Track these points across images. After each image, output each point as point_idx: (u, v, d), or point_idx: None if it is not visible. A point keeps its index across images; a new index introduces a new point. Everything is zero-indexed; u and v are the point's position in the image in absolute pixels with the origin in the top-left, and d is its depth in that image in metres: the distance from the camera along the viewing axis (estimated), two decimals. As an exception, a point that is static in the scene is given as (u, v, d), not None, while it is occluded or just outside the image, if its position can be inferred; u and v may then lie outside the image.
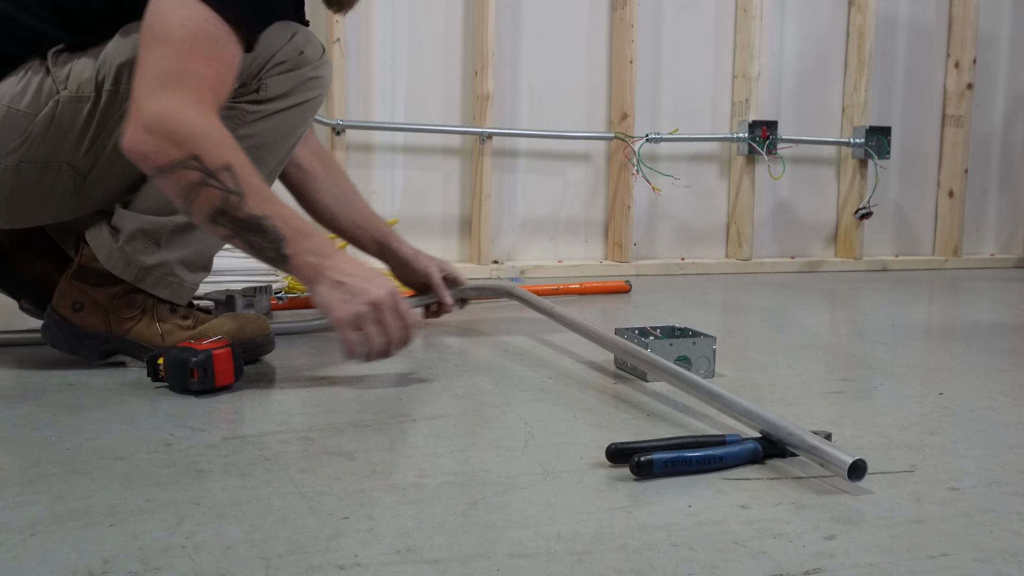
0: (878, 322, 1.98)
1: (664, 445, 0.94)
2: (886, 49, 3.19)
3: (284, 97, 1.31)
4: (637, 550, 0.73)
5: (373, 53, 2.61)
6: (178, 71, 1.14)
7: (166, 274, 1.32)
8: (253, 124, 1.30)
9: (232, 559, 0.70)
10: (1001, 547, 0.75)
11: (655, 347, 1.31)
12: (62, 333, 1.33)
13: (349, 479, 0.88)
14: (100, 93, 1.24)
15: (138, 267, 1.31)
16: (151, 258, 1.31)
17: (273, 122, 1.32)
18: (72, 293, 1.33)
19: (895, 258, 3.24)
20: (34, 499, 0.82)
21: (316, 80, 1.34)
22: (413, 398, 1.21)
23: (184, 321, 1.35)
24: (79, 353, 1.33)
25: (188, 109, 1.13)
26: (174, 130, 1.12)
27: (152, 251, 1.31)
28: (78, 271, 1.33)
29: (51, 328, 1.34)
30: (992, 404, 1.23)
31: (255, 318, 1.40)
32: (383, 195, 2.65)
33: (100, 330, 1.33)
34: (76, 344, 1.33)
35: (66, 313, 1.33)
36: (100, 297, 1.32)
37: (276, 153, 1.35)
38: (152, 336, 1.33)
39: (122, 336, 1.34)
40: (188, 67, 1.14)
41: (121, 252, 1.30)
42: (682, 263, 2.92)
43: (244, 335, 1.35)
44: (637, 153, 2.77)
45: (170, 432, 1.03)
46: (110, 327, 1.33)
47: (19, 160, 1.25)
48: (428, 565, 0.70)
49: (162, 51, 1.14)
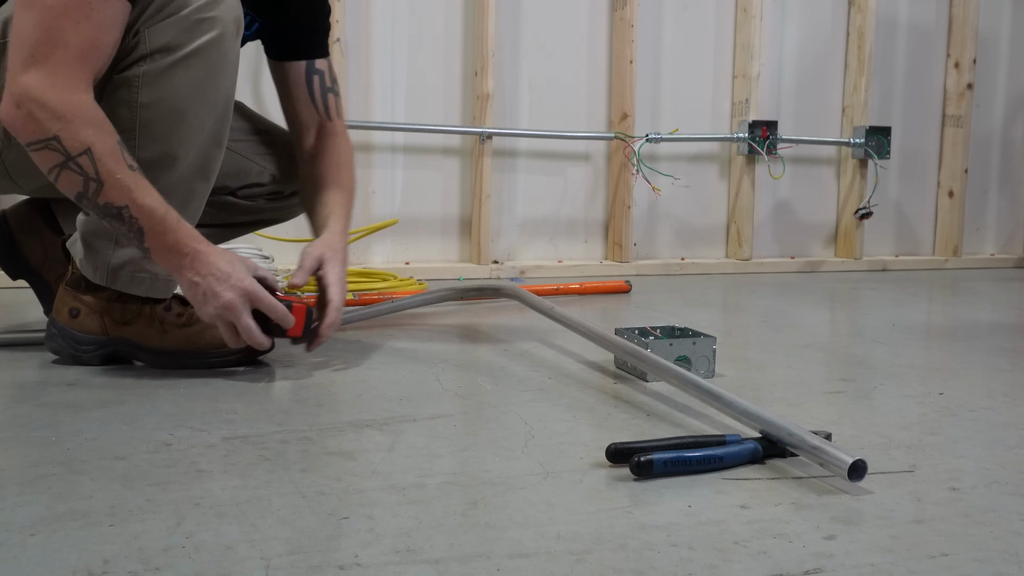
0: (878, 322, 1.98)
1: (664, 445, 0.94)
2: (886, 49, 3.19)
3: (172, 49, 1.19)
4: (637, 550, 0.73)
5: (373, 53, 2.61)
6: (47, 41, 1.11)
7: (135, 271, 1.30)
8: (151, 88, 1.20)
9: (232, 559, 0.70)
10: (1001, 547, 0.75)
11: (655, 347, 1.31)
12: (63, 341, 1.33)
13: (349, 479, 0.88)
14: None
15: (105, 269, 1.29)
16: (115, 258, 1.29)
17: (172, 80, 1.20)
18: (68, 301, 1.33)
19: (895, 258, 3.24)
20: (34, 499, 0.82)
21: (206, 21, 1.19)
22: (413, 398, 1.21)
23: (178, 319, 1.34)
24: (80, 360, 1.33)
25: (54, 86, 1.11)
26: (39, 109, 1.11)
27: (113, 250, 1.28)
28: (71, 279, 1.34)
29: (53, 337, 1.34)
30: (992, 404, 1.23)
31: None
32: (383, 195, 2.65)
33: (98, 334, 1.33)
34: (76, 350, 1.33)
35: (64, 321, 1.33)
36: (93, 302, 1.32)
37: (198, 116, 1.23)
38: (148, 336, 1.33)
39: (120, 338, 1.34)
40: (57, 35, 1.11)
41: (85, 260, 1.30)
42: (682, 263, 2.92)
43: None
44: (637, 153, 2.76)
45: (170, 432, 1.03)
46: (107, 330, 1.33)
47: None
48: (428, 565, 0.70)
49: (32, 17, 1.12)
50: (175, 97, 1.21)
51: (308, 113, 1.54)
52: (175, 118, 1.22)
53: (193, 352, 1.34)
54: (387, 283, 2.23)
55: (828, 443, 0.92)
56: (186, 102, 1.22)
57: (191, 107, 1.22)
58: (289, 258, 2.52)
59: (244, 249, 2.00)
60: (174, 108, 1.21)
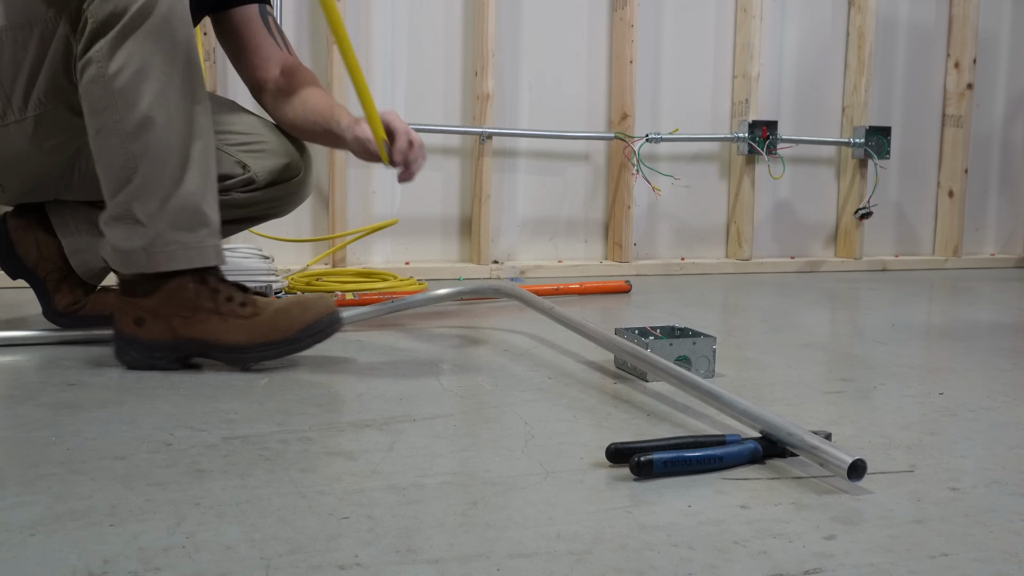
0: (878, 322, 1.98)
1: (664, 445, 0.94)
2: (886, 49, 3.19)
3: (118, 14, 1.21)
4: (637, 550, 0.73)
5: (373, 53, 2.61)
6: None
7: (165, 245, 1.28)
8: (111, 57, 1.22)
9: (232, 559, 0.70)
10: (1001, 547, 0.75)
11: (655, 347, 1.31)
12: (136, 351, 1.32)
13: (349, 479, 0.88)
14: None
15: (137, 254, 1.28)
16: (140, 239, 1.28)
17: (126, 42, 1.22)
18: (129, 310, 1.31)
19: (895, 258, 3.24)
20: (34, 499, 0.82)
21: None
22: (413, 398, 1.21)
23: (243, 309, 1.32)
24: (157, 367, 1.32)
25: None
26: None
27: (137, 231, 1.27)
28: (123, 286, 1.33)
29: (124, 350, 1.32)
30: (992, 404, 1.23)
31: (318, 298, 1.36)
32: (383, 195, 2.65)
33: (168, 338, 1.32)
34: (151, 358, 1.32)
35: (131, 331, 1.32)
36: (155, 306, 1.31)
37: (164, 70, 1.24)
38: (219, 332, 1.31)
39: (191, 338, 1.32)
40: None
41: (113, 251, 1.29)
42: (682, 263, 2.92)
43: (309, 318, 1.34)
44: (637, 153, 2.77)
45: (170, 432, 1.03)
46: (176, 333, 1.32)
47: None
48: (428, 565, 0.70)
49: None
50: (136, 57, 1.22)
51: (270, 48, 1.55)
52: (140, 77, 1.23)
53: (267, 343, 1.32)
54: (387, 283, 2.23)
55: (827, 443, 0.92)
56: (147, 59, 1.23)
57: (153, 62, 1.23)
58: (289, 258, 2.53)
59: (244, 249, 2.00)
60: (138, 69, 1.23)
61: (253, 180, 1.53)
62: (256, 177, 1.53)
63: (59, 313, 1.57)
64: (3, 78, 1.30)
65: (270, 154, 1.54)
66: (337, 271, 2.40)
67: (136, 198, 1.26)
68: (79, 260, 1.56)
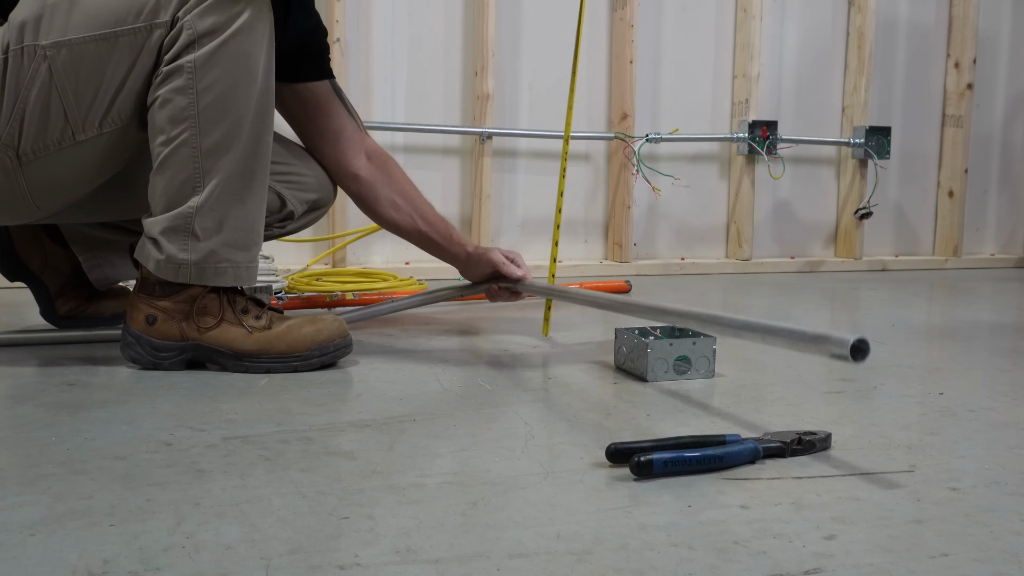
0: (878, 322, 1.98)
1: (664, 445, 0.94)
2: (886, 49, 3.19)
3: (218, 31, 1.23)
4: (637, 550, 0.73)
5: (373, 53, 2.61)
6: None
7: (217, 262, 1.30)
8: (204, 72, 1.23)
9: (232, 559, 0.70)
10: (1001, 547, 0.75)
11: (655, 347, 1.31)
12: (141, 348, 1.32)
13: (349, 479, 0.88)
14: (7, 55, 1.22)
15: (188, 267, 1.29)
16: (195, 253, 1.29)
17: (222, 61, 1.24)
18: (144, 308, 1.32)
19: (895, 258, 3.24)
20: (34, 499, 0.82)
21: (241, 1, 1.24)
22: (413, 398, 1.21)
23: (257, 321, 1.34)
24: (160, 366, 1.32)
25: None
26: None
27: (192, 244, 1.28)
28: (143, 285, 1.33)
29: (130, 345, 1.33)
30: (992, 404, 1.23)
31: (332, 320, 1.37)
32: (383, 195, 2.64)
33: (177, 340, 1.32)
34: (156, 357, 1.32)
35: (141, 328, 1.32)
36: (170, 307, 1.31)
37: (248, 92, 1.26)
38: (230, 340, 1.32)
39: (200, 343, 1.32)
40: None
41: (167, 260, 1.29)
42: (682, 263, 2.92)
43: (322, 338, 1.35)
44: (637, 153, 2.77)
45: (170, 432, 1.03)
46: (186, 335, 1.32)
47: None
48: (428, 565, 0.70)
49: None
50: (228, 76, 1.25)
51: (353, 132, 1.54)
52: (228, 97, 1.25)
53: (275, 355, 1.33)
54: (387, 283, 2.23)
55: (826, 330, 0.91)
56: (237, 80, 1.25)
57: (241, 84, 1.26)
58: (289, 258, 2.53)
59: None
60: (227, 88, 1.25)
61: (292, 215, 1.54)
62: (295, 212, 1.54)
63: (60, 317, 1.58)
64: (83, 92, 1.24)
65: (307, 188, 1.54)
66: (337, 271, 2.40)
67: (199, 213, 1.27)
68: (99, 275, 1.58)
